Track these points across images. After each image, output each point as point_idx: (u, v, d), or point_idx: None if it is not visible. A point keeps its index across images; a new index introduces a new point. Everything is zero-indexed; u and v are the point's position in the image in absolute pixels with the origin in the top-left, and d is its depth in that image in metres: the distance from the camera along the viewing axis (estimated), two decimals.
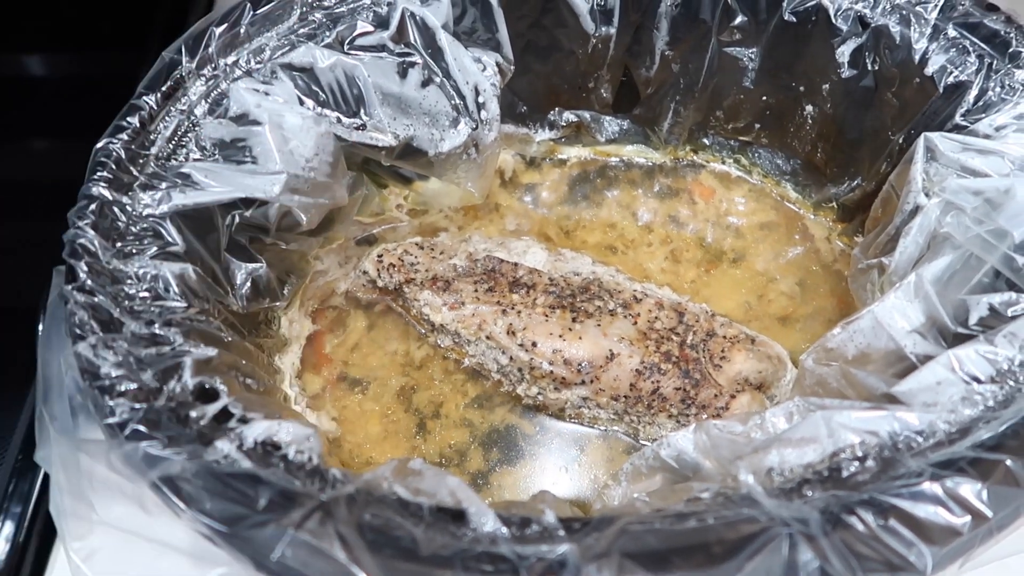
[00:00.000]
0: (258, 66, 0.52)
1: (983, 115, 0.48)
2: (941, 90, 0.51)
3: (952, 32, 0.51)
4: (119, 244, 0.44)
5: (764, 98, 0.62)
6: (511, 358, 0.54)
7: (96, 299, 0.41)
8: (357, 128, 0.54)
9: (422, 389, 0.57)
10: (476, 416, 0.56)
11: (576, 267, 0.59)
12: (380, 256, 0.59)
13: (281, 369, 0.56)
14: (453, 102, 0.55)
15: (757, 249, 0.64)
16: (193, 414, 0.38)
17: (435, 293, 0.56)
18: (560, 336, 0.53)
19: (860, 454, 0.35)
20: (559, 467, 0.54)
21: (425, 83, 0.55)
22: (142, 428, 0.36)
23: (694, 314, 0.55)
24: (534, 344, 0.53)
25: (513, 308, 0.55)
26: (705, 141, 0.67)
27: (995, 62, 0.49)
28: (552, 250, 0.61)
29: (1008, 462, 0.33)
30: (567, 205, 0.67)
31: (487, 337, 0.54)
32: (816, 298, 0.61)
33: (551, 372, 0.53)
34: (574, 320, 0.54)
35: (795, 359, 0.55)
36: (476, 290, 0.56)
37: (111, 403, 0.37)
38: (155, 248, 0.45)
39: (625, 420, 0.54)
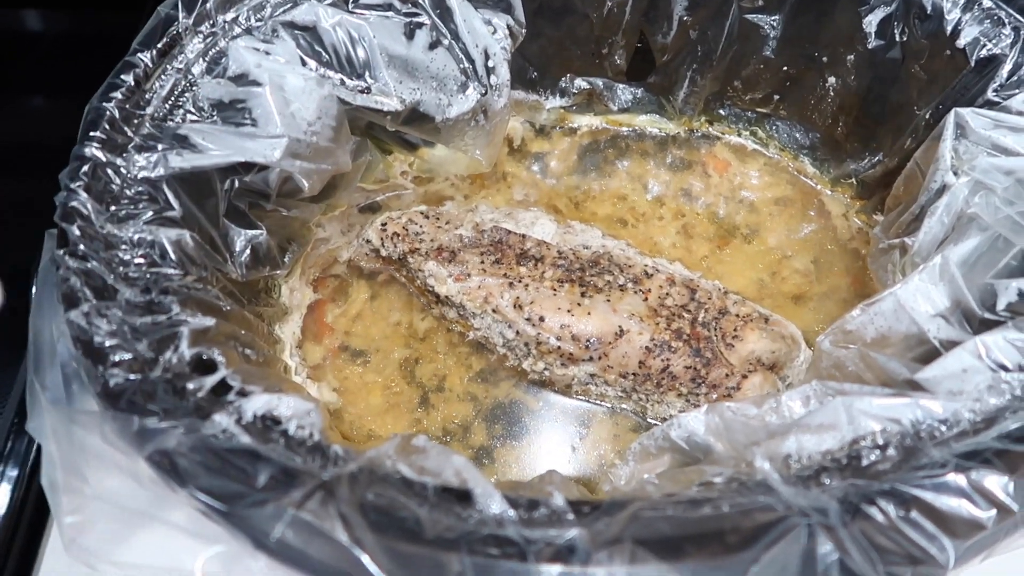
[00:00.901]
0: (258, 24, 0.49)
1: (1017, 91, 0.46)
2: (973, 63, 0.49)
3: (987, 2, 0.49)
4: (113, 208, 0.42)
5: (785, 68, 0.60)
6: (517, 332, 0.52)
7: (89, 265, 0.39)
8: (361, 91, 0.52)
9: (425, 361, 0.56)
10: (480, 390, 0.55)
11: (585, 240, 0.57)
12: (384, 225, 0.57)
13: (281, 339, 0.55)
14: (462, 66, 0.53)
15: (771, 225, 0.62)
16: (190, 386, 0.37)
17: (440, 264, 0.55)
18: (568, 311, 0.51)
19: (881, 442, 0.34)
20: (564, 444, 0.53)
21: (433, 45, 0.52)
22: (137, 400, 0.35)
23: (706, 291, 0.54)
24: (541, 319, 0.52)
25: (520, 281, 0.53)
26: (721, 112, 0.65)
27: None
28: (561, 222, 0.59)
29: None
30: (576, 175, 0.65)
31: (493, 310, 0.53)
32: (831, 277, 0.60)
33: (559, 348, 0.51)
34: (583, 295, 0.52)
35: (808, 339, 0.54)
36: (483, 262, 0.55)
37: (105, 373, 0.36)
38: (151, 212, 0.43)
39: (633, 398, 0.53)
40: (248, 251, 0.49)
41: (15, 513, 0.52)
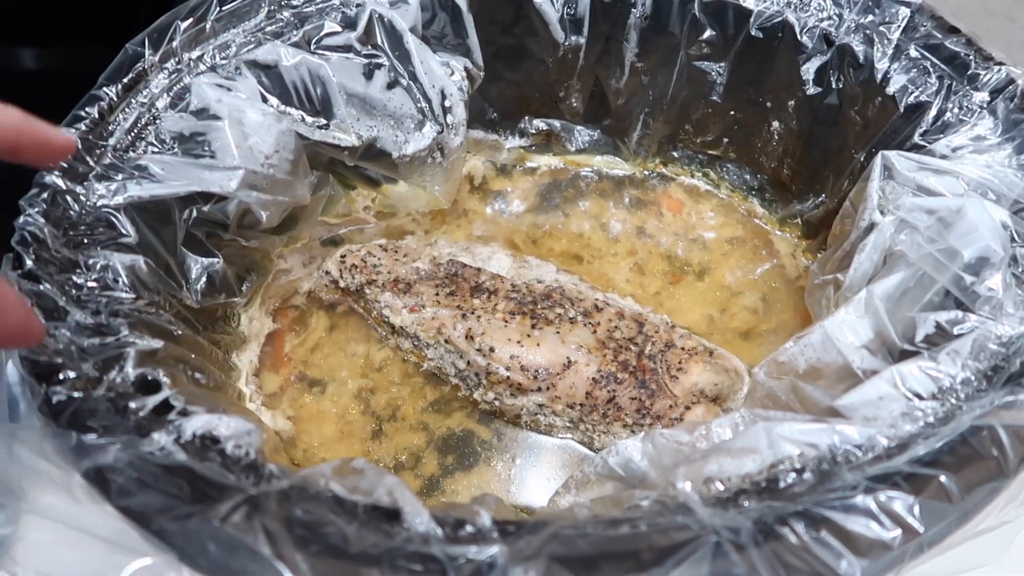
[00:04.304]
0: (223, 62, 0.52)
1: (941, 135, 0.49)
2: (902, 109, 0.51)
3: (914, 52, 0.52)
4: (70, 233, 0.44)
5: (732, 112, 0.62)
6: (468, 363, 0.54)
7: (41, 287, 0.41)
8: (320, 127, 0.54)
9: (380, 391, 0.57)
10: (433, 420, 0.56)
11: (540, 275, 0.59)
12: (343, 256, 0.59)
13: (238, 366, 0.56)
14: (419, 105, 0.56)
15: (723, 263, 0.64)
16: (132, 405, 0.37)
17: (396, 295, 0.56)
18: (518, 342, 0.53)
19: (798, 466, 0.35)
20: (514, 473, 0.54)
21: (391, 85, 0.55)
22: (78, 417, 0.36)
23: (654, 325, 0.55)
24: (492, 349, 0.53)
25: (473, 313, 0.54)
26: (674, 154, 0.68)
27: (954, 83, 0.50)
28: (517, 257, 0.61)
29: (942, 478, 0.33)
30: (537, 213, 0.67)
31: (446, 341, 0.54)
32: (779, 313, 0.61)
33: (508, 378, 0.52)
34: (533, 327, 0.54)
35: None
36: (437, 293, 0.56)
37: (48, 391, 0.37)
38: (106, 239, 0.44)
39: (580, 428, 0.54)
40: (204, 279, 0.50)
41: None
